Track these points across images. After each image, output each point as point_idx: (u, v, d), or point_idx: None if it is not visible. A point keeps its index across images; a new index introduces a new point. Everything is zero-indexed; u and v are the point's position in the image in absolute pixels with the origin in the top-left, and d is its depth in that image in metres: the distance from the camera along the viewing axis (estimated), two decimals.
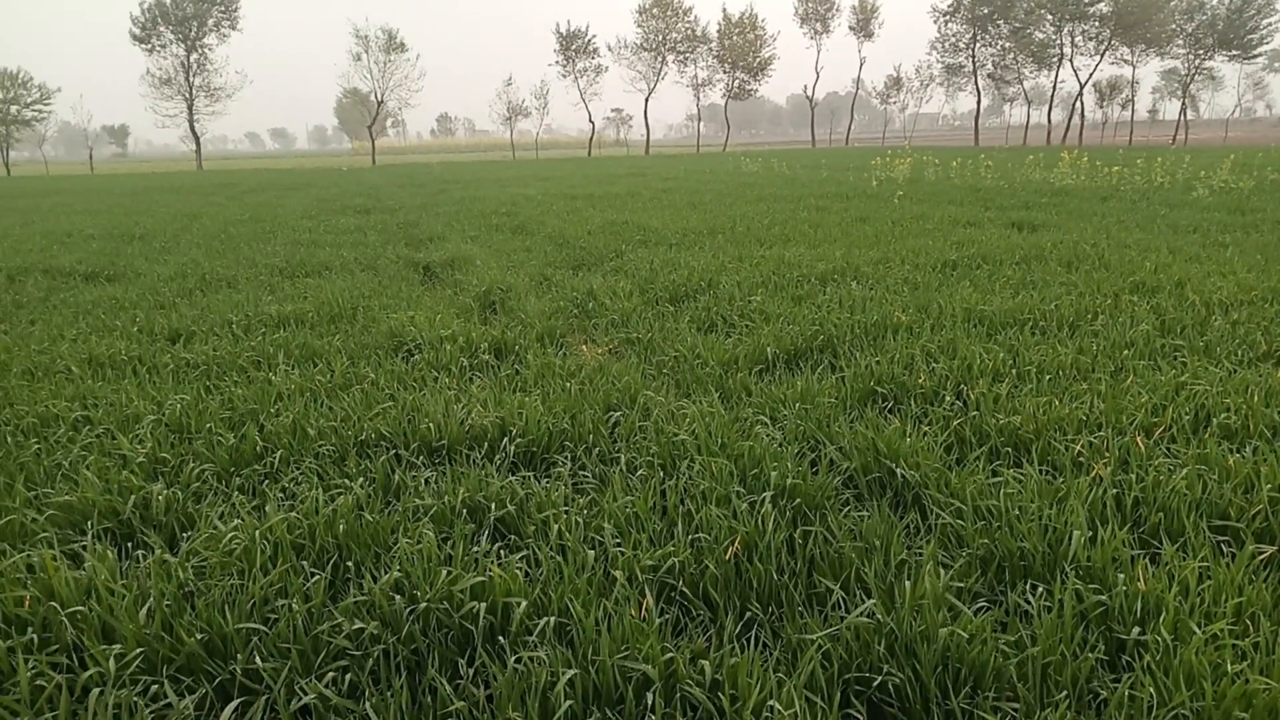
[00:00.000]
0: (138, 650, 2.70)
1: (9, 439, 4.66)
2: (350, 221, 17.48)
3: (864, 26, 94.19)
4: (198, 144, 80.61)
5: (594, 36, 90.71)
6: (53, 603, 2.93)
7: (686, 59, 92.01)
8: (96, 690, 2.52)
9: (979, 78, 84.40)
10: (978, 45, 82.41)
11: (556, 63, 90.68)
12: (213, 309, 8.21)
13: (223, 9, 76.84)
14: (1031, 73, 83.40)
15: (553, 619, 2.81)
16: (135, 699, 2.52)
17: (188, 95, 77.91)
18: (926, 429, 4.47)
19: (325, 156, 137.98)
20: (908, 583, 2.90)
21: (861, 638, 2.74)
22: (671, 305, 7.96)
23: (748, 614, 3.00)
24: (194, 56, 77.35)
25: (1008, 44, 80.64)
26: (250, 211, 20.45)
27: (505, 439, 4.45)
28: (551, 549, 3.29)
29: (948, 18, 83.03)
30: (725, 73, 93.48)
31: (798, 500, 3.67)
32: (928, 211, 15.14)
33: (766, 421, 4.72)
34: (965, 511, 3.48)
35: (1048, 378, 5.20)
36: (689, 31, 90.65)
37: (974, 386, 5.01)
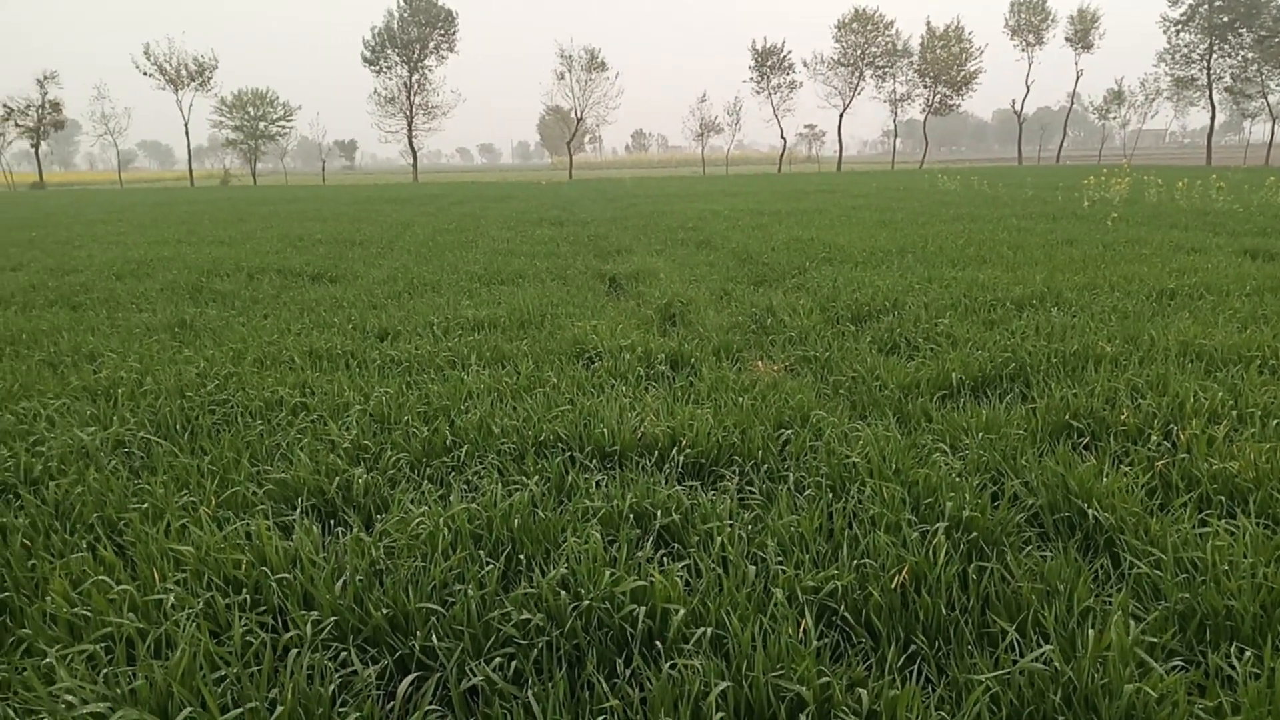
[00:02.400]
0: (331, 618, 2.97)
1: (239, 419, 5.25)
2: (545, 233, 18.30)
3: (1082, 38, 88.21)
4: (414, 158, 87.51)
5: (790, 53, 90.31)
6: (264, 568, 3.28)
7: (885, 73, 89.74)
8: (295, 651, 2.78)
9: (1214, 91, 76.59)
10: (1214, 56, 74.90)
11: (751, 79, 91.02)
12: (417, 311, 8.85)
13: (443, 33, 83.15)
14: (1279, 85, 74.81)
15: (709, 630, 2.84)
16: (327, 663, 2.76)
17: (408, 113, 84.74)
18: (1126, 469, 4.13)
19: (526, 171, 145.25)
20: (1091, 631, 2.70)
21: (1036, 684, 2.58)
22: (853, 325, 7.79)
23: (912, 646, 2.89)
24: (415, 77, 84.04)
25: (1250, 54, 72.71)
26: (456, 221, 21.85)
27: (675, 449, 4.52)
28: (713, 561, 3.31)
29: (1180, 27, 75.99)
30: (926, 87, 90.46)
31: (974, 534, 3.50)
32: (1145, 235, 13.96)
33: (946, 449, 4.53)
34: (1165, 561, 3.20)
35: (1275, 422, 4.67)
36: (889, 46, 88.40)
37: (1186, 427, 4.58)
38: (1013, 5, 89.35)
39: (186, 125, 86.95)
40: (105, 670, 2.71)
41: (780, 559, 3.34)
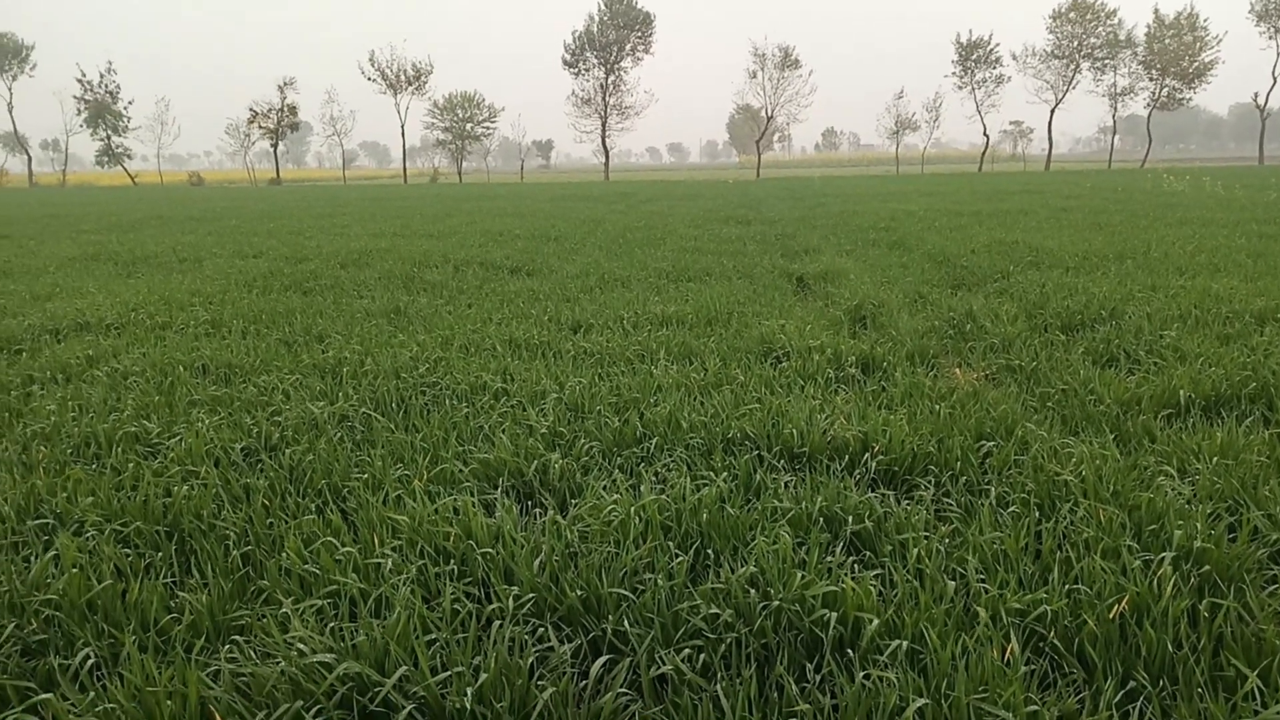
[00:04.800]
0: (530, 595, 3.11)
1: (448, 402, 5.59)
2: (731, 231, 18.31)
3: None
4: (606, 157, 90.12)
5: (997, 45, 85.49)
6: (470, 542, 3.47)
7: (1104, 65, 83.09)
8: (497, 623, 2.93)
9: None
10: None
11: (953, 74, 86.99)
12: (608, 305, 9.09)
13: (640, 35, 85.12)
14: None
15: (905, 643, 2.73)
16: (525, 637, 2.89)
17: (602, 113, 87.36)
18: None
19: (714, 169, 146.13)
20: None
21: None
22: (1063, 334, 7.27)
23: (1131, 683, 2.66)
24: (611, 79, 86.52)
25: None
26: (645, 219, 22.28)
27: (866, 454, 4.39)
28: (908, 572, 3.19)
29: None
30: (1151, 80, 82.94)
31: (1206, 567, 3.17)
32: None
33: (1172, 473, 4.14)
34: None
35: None
36: (1110, 36, 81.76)
37: None
38: None
39: (403, 126, 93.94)
40: (331, 624, 2.96)
41: (982, 577, 3.17)
